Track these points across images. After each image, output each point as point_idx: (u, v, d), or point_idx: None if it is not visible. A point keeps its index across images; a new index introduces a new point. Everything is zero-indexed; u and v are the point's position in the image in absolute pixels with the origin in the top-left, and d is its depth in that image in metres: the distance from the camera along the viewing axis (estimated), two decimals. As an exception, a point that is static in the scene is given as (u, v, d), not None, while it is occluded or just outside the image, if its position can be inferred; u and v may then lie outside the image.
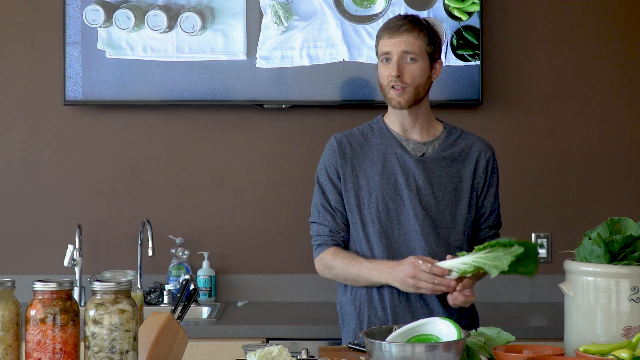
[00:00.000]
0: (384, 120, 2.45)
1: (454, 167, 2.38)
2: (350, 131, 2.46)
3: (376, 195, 2.35)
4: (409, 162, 2.35)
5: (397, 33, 2.32)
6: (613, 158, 3.62)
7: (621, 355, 1.69)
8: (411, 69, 2.32)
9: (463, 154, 2.40)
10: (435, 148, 2.39)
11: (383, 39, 2.35)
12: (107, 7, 3.48)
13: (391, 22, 2.37)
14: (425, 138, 2.40)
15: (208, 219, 3.61)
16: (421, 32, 2.33)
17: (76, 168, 3.60)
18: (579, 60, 3.62)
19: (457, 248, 2.35)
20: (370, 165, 2.37)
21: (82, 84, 3.49)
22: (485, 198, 2.41)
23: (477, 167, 2.40)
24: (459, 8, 3.49)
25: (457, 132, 2.44)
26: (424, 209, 2.33)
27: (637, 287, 1.84)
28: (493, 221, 2.44)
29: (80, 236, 3.42)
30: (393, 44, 2.32)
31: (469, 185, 2.38)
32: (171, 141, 3.61)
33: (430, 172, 2.35)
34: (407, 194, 2.33)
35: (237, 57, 3.51)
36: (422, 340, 1.82)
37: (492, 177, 2.43)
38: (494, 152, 2.45)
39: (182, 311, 1.95)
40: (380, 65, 2.36)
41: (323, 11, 3.48)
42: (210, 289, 3.50)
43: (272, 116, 3.60)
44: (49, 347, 1.58)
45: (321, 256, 2.40)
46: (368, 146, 2.40)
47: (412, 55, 2.31)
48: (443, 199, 2.35)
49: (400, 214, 2.34)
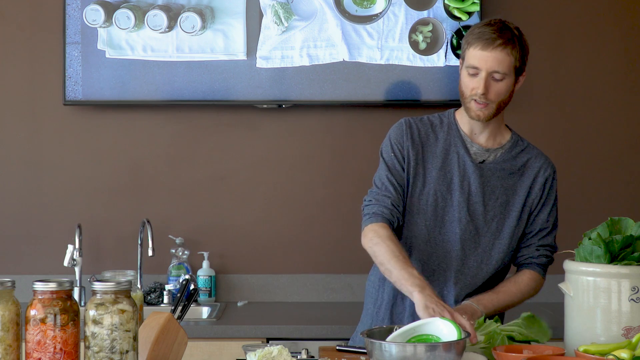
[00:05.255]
0: (455, 115, 2.40)
1: (511, 180, 2.34)
2: (421, 118, 2.40)
3: (429, 188, 2.32)
4: (468, 165, 2.32)
5: (490, 47, 2.22)
6: (613, 158, 3.62)
7: (621, 355, 1.69)
8: (498, 86, 2.25)
9: (523, 168, 2.36)
10: (497, 157, 2.35)
11: (474, 48, 2.24)
12: (107, 7, 3.48)
13: (485, 31, 2.23)
14: (491, 145, 2.36)
15: (208, 219, 3.61)
16: (514, 48, 2.23)
17: (76, 168, 3.60)
18: (579, 60, 3.62)
19: (499, 260, 2.33)
20: (431, 158, 2.34)
21: (82, 84, 3.49)
22: (538, 215, 2.36)
23: (534, 184, 2.35)
24: (459, 8, 3.50)
25: (522, 145, 2.39)
26: (470, 215, 2.31)
27: (637, 287, 1.84)
28: (542, 239, 2.37)
29: (80, 236, 3.42)
30: (484, 60, 2.22)
31: (522, 200, 2.34)
32: (171, 141, 3.61)
33: (486, 180, 2.32)
34: (458, 197, 2.31)
35: (237, 57, 3.51)
36: (423, 341, 1.82)
37: (549, 195, 2.37)
38: (555, 170, 2.40)
39: (182, 311, 1.95)
40: (465, 73, 2.27)
41: (323, 11, 3.48)
42: (210, 289, 3.49)
43: (272, 116, 3.60)
44: (49, 347, 1.58)
45: (373, 226, 2.27)
46: (434, 138, 2.36)
47: (501, 74, 2.24)
48: (492, 209, 2.32)
49: (446, 213, 2.32)
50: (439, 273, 2.33)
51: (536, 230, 2.37)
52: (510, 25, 2.28)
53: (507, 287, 2.33)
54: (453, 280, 2.32)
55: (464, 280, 2.32)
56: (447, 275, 2.32)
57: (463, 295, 2.33)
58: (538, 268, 2.38)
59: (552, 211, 2.39)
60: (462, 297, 2.32)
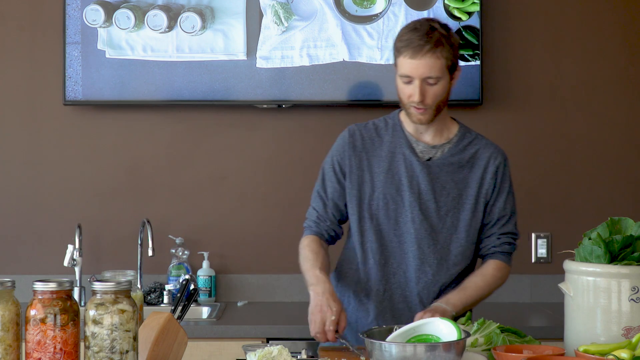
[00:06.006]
0: (399, 116, 2.41)
1: (461, 173, 2.35)
2: (366, 124, 2.43)
3: (378, 193, 2.34)
4: (414, 165, 2.34)
5: (419, 55, 2.22)
6: (613, 158, 3.62)
7: (621, 355, 1.69)
8: (433, 90, 2.26)
9: (472, 160, 2.36)
10: (444, 152, 2.36)
11: (404, 57, 2.24)
12: (107, 7, 3.48)
13: (413, 38, 2.23)
14: (437, 141, 2.37)
15: (208, 219, 3.61)
16: (443, 49, 2.23)
17: (76, 168, 3.60)
18: (579, 60, 3.62)
19: (459, 254, 2.34)
20: (377, 162, 2.36)
21: (82, 84, 3.49)
22: (495, 205, 2.36)
23: (486, 174, 2.36)
24: (459, 8, 3.49)
25: (470, 137, 2.40)
26: (423, 214, 2.32)
27: (637, 287, 1.84)
28: (502, 228, 2.38)
29: (80, 236, 3.42)
30: (415, 68, 2.23)
31: (474, 192, 2.34)
32: (171, 141, 3.61)
33: (435, 177, 2.33)
34: (408, 197, 2.32)
35: (237, 57, 3.51)
36: (423, 341, 1.82)
37: (503, 183, 2.37)
38: (506, 158, 2.40)
39: (182, 311, 1.95)
40: (400, 81, 2.28)
41: (323, 11, 3.48)
42: (210, 289, 3.49)
43: (272, 116, 3.60)
44: (49, 347, 1.58)
45: (302, 239, 2.42)
46: (379, 141, 2.38)
47: (434, 79, 2.24)
48: (445, 204, 2.33)
49: (398, 214, 2.34)
50: (399, 275, 2.35)
51: (495, 220, 2.37)
52: (435, 25, 2.27)
53: (474, 282, 2.33)
54: (414, 280, 2.34)
55: (425, 278, 2.33)
56: (407, 276, 2.34)
57: (427, 294, 2.34)
58: (502, 256, 2.38)
59: (508, 199, 2.39)
60: (426, 295, 2.34)
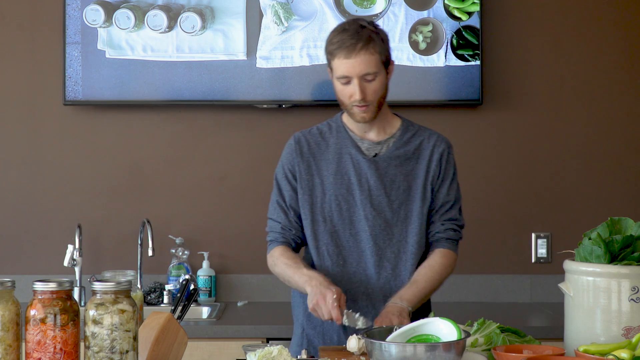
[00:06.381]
0: (342, 119, 2.44)
1: (408, 166, 2.38)
2: (310, 129, 2.46)
3: (329, 195, 2.36)
4: (362, 163, 2.36)
5: (353, 53, 2.25)
6: (613, 158, 3.62)
7: (621, 355, 1.69)
8: (372, 86, 2.29)
9: (418, 151, 2.39)
10: (389, 147, 2.39)
11: (339, 58, 2.27)
12: (107, 7, 3.48)
13: (344, 39, 2.26)
14: (382, 137, 2.40)
15: (208, 219, 3.61)
16: (375, 45, 2.27)
17: (76, 168, 3.60)
18: (579, 60, 3.62)
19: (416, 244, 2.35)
20: (326, 165, 2.38)
21: (82, 84, 3.49)
22: (439, 191, 2.39)
23: (431, 162, 2.38)
24: (459, 8, 3.49)
25: (413, 129, 2.42)
26: (375, 210, 2.34)
27: (637, 287, 1.84)
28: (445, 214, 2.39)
29: (80, 236, 3.42)
30: (352, 67, 2.26)
31: (422, 181, 2.37)
32: (171, 141, 3.61)
33: (383, 172, 2.36)
34: (359, 195, 2.34)
35: (237, 57, 3.51)
36: (423, 341, 1.82)
37: (447, 170, 2.40)
38: (450, 145, 2.43)
39: (182, 311, 1.95)
40: (338, 84, 2.30)
41: (323, 11, 3.48)
42: (210, 289, 3.49)
43: (272, 116, 3.60)
44: (49, 347, 1.58)
45: (271, 253, 2.42)
46: (325, 145, 2.41)
47: (372, 75, 2.27)
48: (397, 198, 2.35)
49: (352, 214, 2.35)
50: (359, 273, 2.36)
51: (439, 206, 2.40)
52: (363, 23, 2.31)
53: (424, 274, 2.34)
54: (375, 277, 2.35)
55: (385, 273, 2.35)
56: (367, 274, 2.35)
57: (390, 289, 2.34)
58: (446, 243, 2.40)
59: (452, 185, 2.41)
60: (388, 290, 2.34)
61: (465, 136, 3.60)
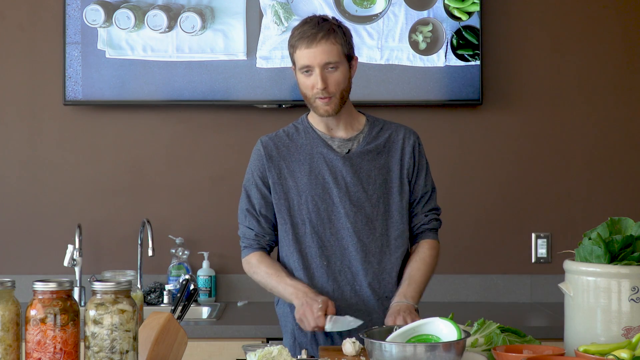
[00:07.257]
0: (308, 119, 2.45)
1: (381, 159, 2.39)
2: (276, 133, 2.46)
3: (305, 196, 2.36)
4: (335, 161, 2.36)
5: (314, 43, 2.28)
6: (613, 158, 3.62)
7: (621, 355, 1.69)
8: (334, 77, 2.30)
9: (388, 144, 2.40)
10: (360, 143, 2.40)
11: (300, 49, 2.30)
12: (107, 7, 3.48)
13: (305, 30, 2.30)
14: (350, 134, 2.41)
15: (208, 219, 3.61)
16: (337, 36, 2.30)
17: (76, 168, 3.60)
18: (579, 60, 3.62)
19: (398, 237, 2.36)
20: (298, 167, 2.38)
21: (82, 84, 3.49)
22: (416, 182, 2.42)
23: (404, 155, 2.40)
24: (459, 8, 3.49)
25: (380, 124, 2.44)
26: (355, 206, 2.34)
27: (637, 287, 1.84)
28: (426, 205, 2.43)
29: (80, 236, 3.42)
30: (313, 56, 2.28)
31: (397, 174, 2.38)
32: (171, 141, 3.61)
33: (358, 167, 2.36)
34: (337, 193, 2.35)
35: (237, 57, 3.51)
36: (422, 341, 1.82)
37: (420, 160, 2.43)
38: (418, 136, 2.45)
39: (182, 311, 1.95)
40: (300, 75, 2.33)
41: (323, 11, 3.48)
42: (210, 289, 3.50)
43: (272, 116, 3.60)
44: (49, 347, 1.58)
45: (247, 258, 2.42)
46: (294, 147, 2.41)
47: (333, 64, 2.29)
48: (375, 192, 2.36)
49: (330, 213, 2.35)
50: (345, 272, 2.35)
51: (419, 197, 2.42)
52: (326, 17, 2.35)
53: (418, 269, 2.36)
54: (362, 273, 2.35)
55: (372, 269, 2.35)
56: (353, 271, 2.35)
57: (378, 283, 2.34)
58: (431, 234, 2.44)
59: (427, 175, 2.45)
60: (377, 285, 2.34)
61: (465, 136, 3.60)
